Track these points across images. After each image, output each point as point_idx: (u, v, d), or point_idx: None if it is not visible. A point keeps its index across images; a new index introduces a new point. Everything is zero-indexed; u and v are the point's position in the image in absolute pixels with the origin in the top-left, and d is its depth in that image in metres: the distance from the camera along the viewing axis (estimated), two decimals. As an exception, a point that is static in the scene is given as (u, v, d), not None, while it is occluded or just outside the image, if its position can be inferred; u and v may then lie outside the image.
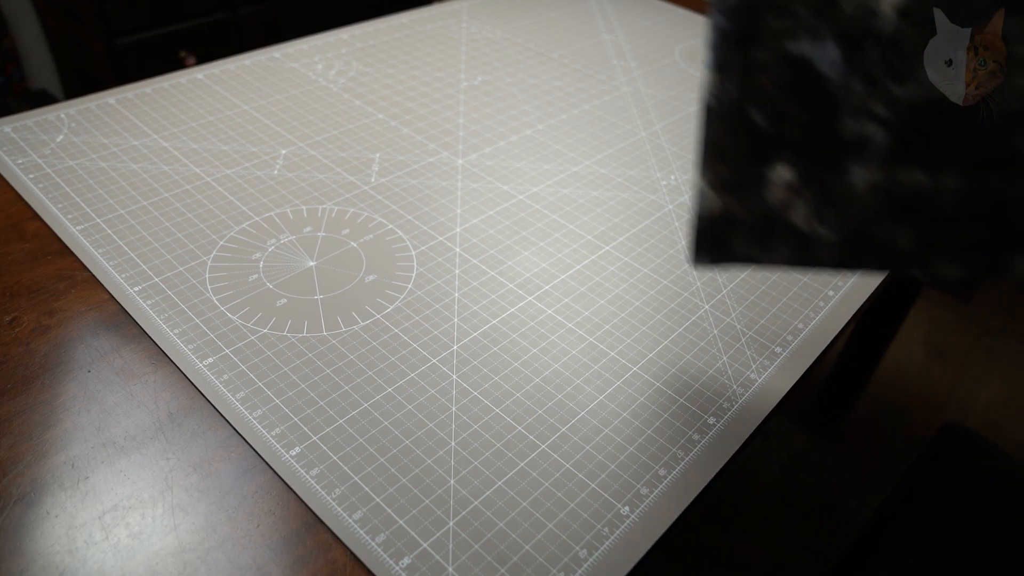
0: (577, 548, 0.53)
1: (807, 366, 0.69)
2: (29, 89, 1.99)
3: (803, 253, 0.50)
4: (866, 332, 1.54)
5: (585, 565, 0.52)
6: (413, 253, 0.78)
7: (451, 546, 0.52)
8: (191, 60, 1.81)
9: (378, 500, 0.54)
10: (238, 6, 1.86)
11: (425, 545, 0.52)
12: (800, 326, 0.73)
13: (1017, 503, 0.87)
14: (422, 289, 0.74)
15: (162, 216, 0.80)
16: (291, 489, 0.55)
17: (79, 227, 0.77)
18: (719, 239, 0.52)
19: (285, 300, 0.71)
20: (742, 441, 0.62)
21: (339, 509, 0.54)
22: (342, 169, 0.90)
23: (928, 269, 0.47)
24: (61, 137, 0.91)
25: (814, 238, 0.48)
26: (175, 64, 1.78)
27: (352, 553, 0.51)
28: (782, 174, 0.46)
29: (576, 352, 0.68)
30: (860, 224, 0.47)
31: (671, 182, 0.94)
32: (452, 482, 0.56)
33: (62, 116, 0.95)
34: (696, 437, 0.62)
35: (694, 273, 0.79)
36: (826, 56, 0.42)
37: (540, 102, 1.09)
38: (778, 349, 0.71)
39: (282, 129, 0.97)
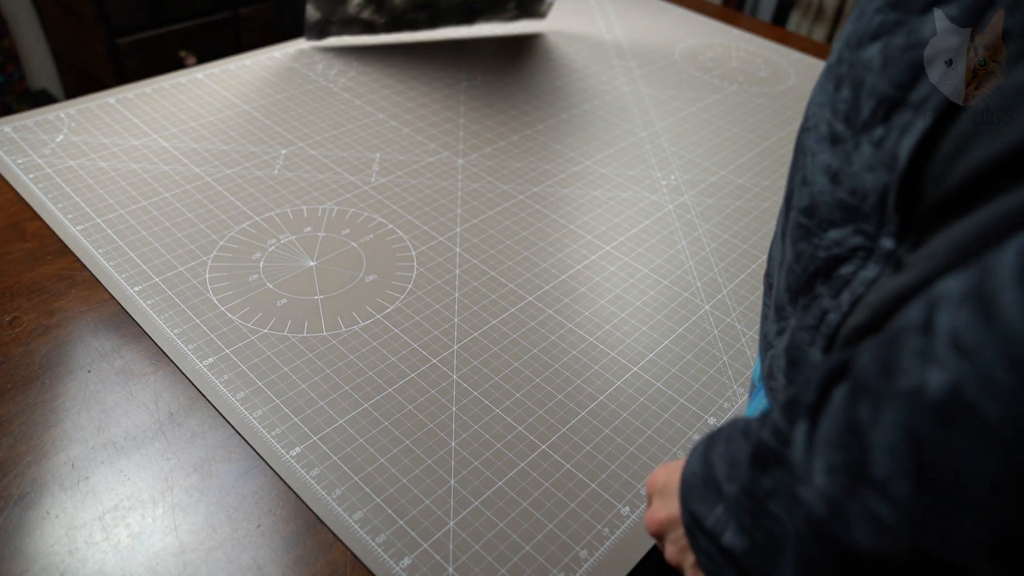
0: (578, 548, 0.53)
1: (807, 366, 0.69)
2: (29, 89, 1.99)
3: (371, 31, 1.18)
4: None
5: (586, 566, 0.52)
6: (413, 253, 0.78)
7: (451, 546, 0.52)
8: (191, 60, 1.81)
9: (378, 500, 0.54)
10: (238, 6, 1.86)
11: (425, 545, 0.52)
12: (800, 326, 0.73)
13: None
14: (422, 289, 0.74)
15: (162, 216, 0.80)
16: (291, 489, 0.55)
17: (79, 227, 0.77)
18: (322, 30, 1.16)
19: (285, 300, 0.71)
20: (742, 441, 0.62)
21: (339, 509, 0.54)
22: (342, 169, 0.90)
23: (473, 20, 1.20)
24: (61, 137, 0.91)
25: (376, 24, 1.16)
26: (175, 64, 1.78)
27: (352, 553, 0.51)
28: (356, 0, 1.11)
29: (576, 352, 0.68)
30: (399, 12, 1.15)
31: (671, 182, 0.94)
32: (452, 482, 0.56)
33: (62, 116, 0.95)
34: (696, 437, 0.62)
35: (694, 273, 0.79)
36: None
37: (540, 102, 1.09)
38: (778, 349, 0.71)
39: (282, 129, 0.97)
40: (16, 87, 1.94)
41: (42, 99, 1.99)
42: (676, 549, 0.42)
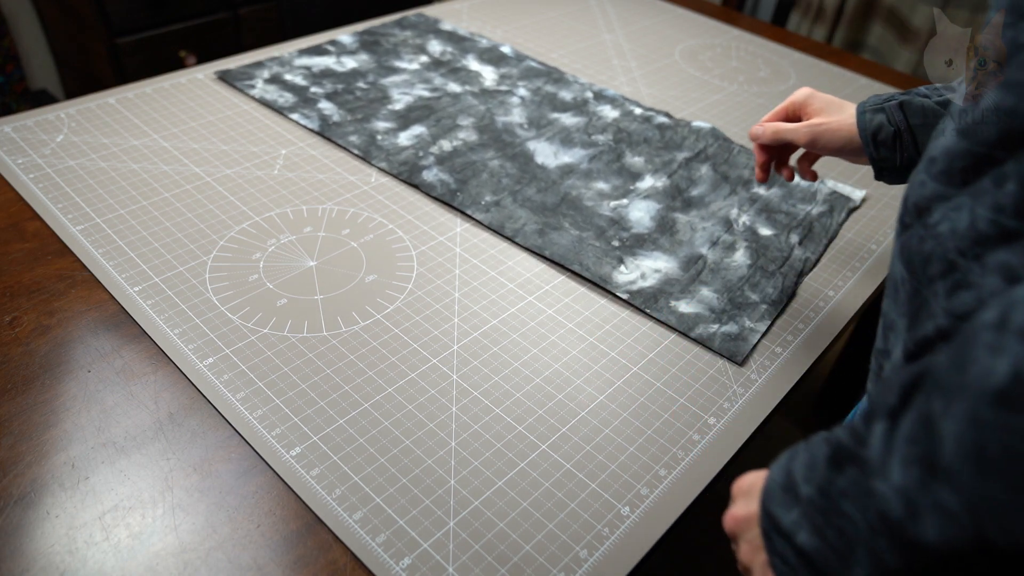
0: (578, 548, 0.53)
1: (808, 366, 0.69)
2: (29, 89, 1.98)
3: None
4: (867, 331, 1.54)
5: (586, 566, 0.52)
6: (413, 253, 0.78)
7: (451, 546, 0.52)
8: (191, 60, 1.80)
9: (378, 500, 0.54)
10: (238, 6, 1.86)
11: (425, 545, 0.52)
12: (800, 326, 0.73)
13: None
14: (422, 289, 0.74)
15: (162, 216, 0.80)
16: (291, 489, 0.55)
17: (79, 227, 0.77)
18: None
19: (285, 300, 0.71)
20: (742, 441, 0.62)
21: (339, 509, 0.54)
22: (342, 169, 0.90)
23: None
24: (61, 137, 0.91)
25: None
26: (175, 64, 1.78)
27: (352, 553, 0.51)
28: None
29: (576, 352, 0.68)
30: None
31: (671, 182, 0.94)
32: (452, 482, 0.56)
33: (62, 116, 0.95)
34: (696, 437, 0.62)
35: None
36: None
37: (540, 102, 1.09)
38: (778, 349, 0.71)
39: (282, 129, 0.97)
40: (16, 87, 1.94)
41: (42, 99, 1.99)
42: (749, 548, 0.43)
